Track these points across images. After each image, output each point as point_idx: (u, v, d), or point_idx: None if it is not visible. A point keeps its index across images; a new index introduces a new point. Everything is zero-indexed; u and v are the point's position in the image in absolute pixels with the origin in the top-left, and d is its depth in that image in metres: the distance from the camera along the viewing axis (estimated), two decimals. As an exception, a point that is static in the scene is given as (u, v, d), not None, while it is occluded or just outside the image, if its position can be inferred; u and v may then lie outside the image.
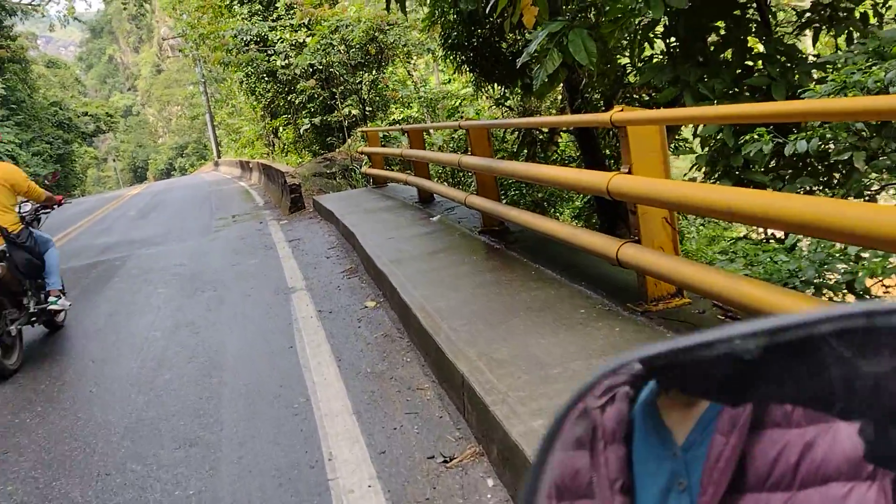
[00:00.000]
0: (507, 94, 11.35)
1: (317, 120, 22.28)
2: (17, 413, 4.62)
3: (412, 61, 21.33)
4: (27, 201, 6.31)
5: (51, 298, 6.14)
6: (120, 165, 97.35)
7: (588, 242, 3.99)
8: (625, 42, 5.71)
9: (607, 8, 5.02)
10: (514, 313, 4.15)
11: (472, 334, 3.92)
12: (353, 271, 7.26)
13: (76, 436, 4.09)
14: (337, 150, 23.00)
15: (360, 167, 18.01)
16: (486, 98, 13.89)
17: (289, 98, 23.46)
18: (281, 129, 28.18)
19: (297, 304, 6.30)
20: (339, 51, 18.91)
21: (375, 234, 7.78)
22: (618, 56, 6.94)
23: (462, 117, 15.36)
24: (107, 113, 58.76)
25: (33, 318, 6.07)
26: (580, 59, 4.84)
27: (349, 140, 21.16)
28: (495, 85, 12.03)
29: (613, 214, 7.46)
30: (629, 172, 3.66)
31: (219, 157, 46.79)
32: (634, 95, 7.60)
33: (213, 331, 5.92)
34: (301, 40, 20.38)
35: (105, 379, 5.10)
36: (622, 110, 3.61)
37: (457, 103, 16.63)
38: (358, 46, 18.33)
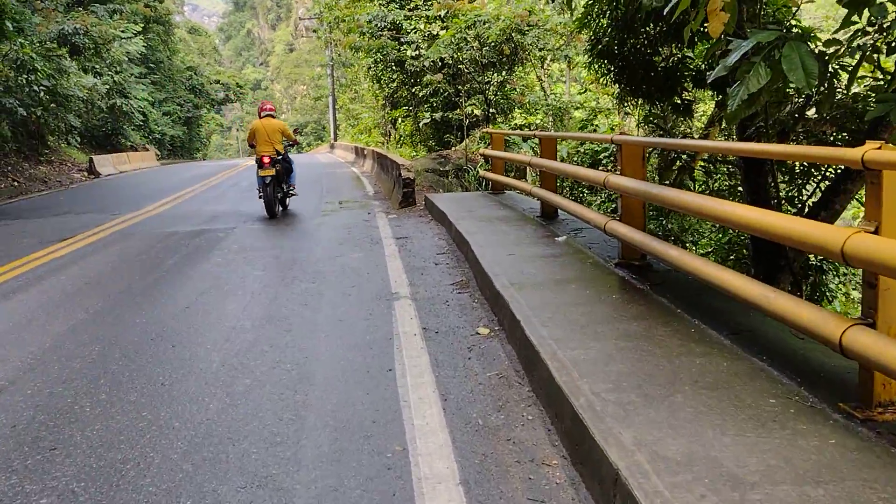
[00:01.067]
0: (658, 112, 10.33)
1: (438, 115, 21.79)
2: (77, 398, 4.09)
3: (545, 66, 20.46)
4: (285, 139, 11.83)
5: (291, 188, 12.35)
6: (242, 136, 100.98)
7: (792, 314, 3.04)
8: (847, 64, 4.69)
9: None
10: (676, 385, 3.26)
11: (623, 408, 3.05)
12: (464, 286, 6.50)
13: (134, 442, 3.49)
14: (453, 148, 22.47)
15: (475, 169, 17.34)
16: (623, 114, 12.87)
17: (413, 90, 23.09)
18: (400, 120, 27.95)
19: (400, 315, 5.59)
20: (472, 47, 18.28)
21: (492, 248, 6.99)
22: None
23: (595, 130, 14.41)
24: (237, 83, 60.76)
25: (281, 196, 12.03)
26: (795, 79, 3.88)
27: (467, 140, 20.54)
28: (639, 101, 11.04)
29: (773, 264, 6.38)
30: (875, 232, 2.71)
31: (335, 139, 47.36)
32: (817, 132, 6.50)
33: (306, 332, 5.29)
34: (434, 32, 19.90)
35: (181, 371, 4.53)
36: (880, 147, 2.66)
37: (591, 115, 15.64)
38: (492, 45, 17.62)
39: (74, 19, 26.07)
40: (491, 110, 20.00)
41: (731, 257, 9.90)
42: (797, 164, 6.98)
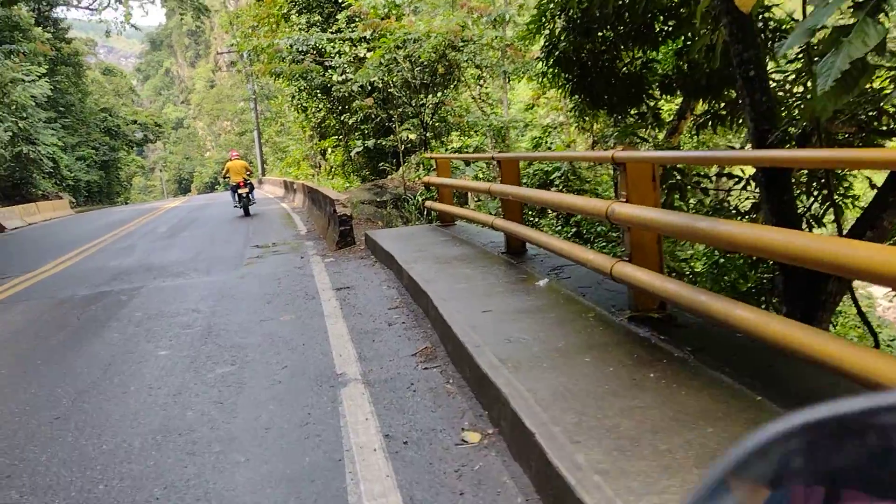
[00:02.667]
0: (635, 123, 9.10)
1: (370, 142, 20.30)
2: None
3: (482, 84, 19.25)
4: (247, 171, 19.01)
5: (253, 200, 19.05)
6: (166, 176, 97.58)
7: None
8: None
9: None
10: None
11: None
12: (430, 356, 5.02)
13: None
14: (389, 176, 21.07)
15: (415, 197, 15.96)
16: (579, 129, 11.69)
17: (342, 118, 21.61)
18: (330, 150, 26.44)
19: (351, 414, 4.06)
20: (402, 68, 16.92)
21: (460, 301, 5.54)
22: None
23: (550, 148, 13.18)
24: (155, 123, 58.13)
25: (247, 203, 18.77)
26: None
27: (403, 167, 19.15)
28: (600, 112, 9.84)
29: (812, 300, 5.13)
30: None
31: (263, 174, 45.46)
32: (834, 133, 5.32)
33: (217, 454, 3.70)
34: (361, 55, 18.49)
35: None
36: None
37: (545, 133, 14.39)
38: (424, 64, 16.30)
39: (-36, 62, 23.65)
40: (427, 134, 18.66)
41: (763, 296, 8.56)
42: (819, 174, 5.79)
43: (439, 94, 17.53)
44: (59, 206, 33.88)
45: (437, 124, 18.84)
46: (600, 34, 8.66)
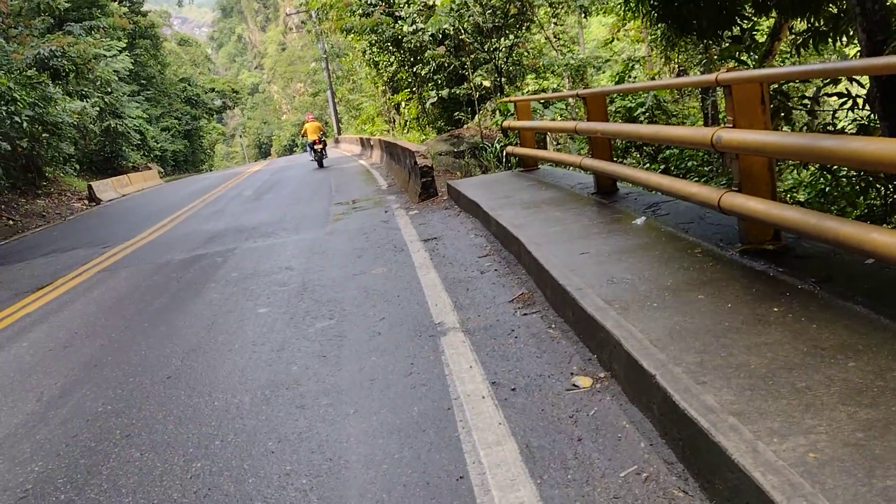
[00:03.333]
0: (734, 46, 8.56)
1: (444, 92, 20.07)
2: None
3: (556, 22, 18.62)
4: (321, 131, 22.91)
5: (325, 155, 23.32)
6: (246, 141, 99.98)
7: None
8: None
9: None
10: None
11: None
12: (528, 301, 4.89)
13: None
14: (465, 126, 20.81)
15: (493, 145, 15.69)
16: (663, 60, 11.13)
17: (413, 69, 21.41)
18: (403, 104, 26.32)
19: (454, 363, 3.99)
20: (473, 12, 16.52)
21: (554, 245, 5.37)
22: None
23: (634, 81, 12.65)
24: (232, 89, 59.38)
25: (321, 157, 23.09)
26: None
27: (478, 115, 18.85)
28: (689, 38, 9.30)
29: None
30: None
31: (339, 133, 45.84)
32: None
33: (326, 406, 3.71)
34: (431, 3, 18.15)
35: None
36: None
37: (628, 67, 13.84)
38: (496, 5, 15.85)
39: (50, 42, 24.47)
40: (502, 79, 18.25)
41: (832, 210, 8.13)
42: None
43: (512, 36, 17.07)
44: (149, 176, 35.16)
45: (511, 68, 18.41)
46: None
